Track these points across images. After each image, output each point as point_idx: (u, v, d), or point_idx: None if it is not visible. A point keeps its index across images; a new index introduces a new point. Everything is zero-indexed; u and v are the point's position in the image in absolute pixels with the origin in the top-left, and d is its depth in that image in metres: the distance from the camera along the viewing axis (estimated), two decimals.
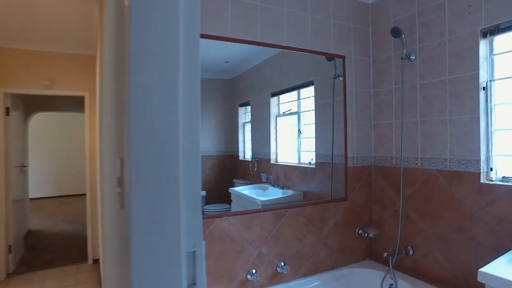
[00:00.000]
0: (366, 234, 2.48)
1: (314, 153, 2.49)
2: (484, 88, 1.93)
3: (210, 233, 1.94)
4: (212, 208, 2.14)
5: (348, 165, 2.51)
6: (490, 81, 1.92)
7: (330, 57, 2.48)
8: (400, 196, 2.27)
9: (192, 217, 0.71)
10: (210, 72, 2.20)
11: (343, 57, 2.51)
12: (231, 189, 2.27)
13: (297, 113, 2.54)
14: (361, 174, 2.57)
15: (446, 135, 2.10)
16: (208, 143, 2.20)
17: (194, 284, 0.71)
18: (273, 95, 2.49)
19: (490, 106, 1.92)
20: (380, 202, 2.56)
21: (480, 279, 1.39)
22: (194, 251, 0.72)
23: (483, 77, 1.93)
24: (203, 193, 2.16)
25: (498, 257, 1.68)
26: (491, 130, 1.93)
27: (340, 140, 2.51)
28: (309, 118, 2.51)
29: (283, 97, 2.53)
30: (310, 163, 2.50)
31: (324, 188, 2.49)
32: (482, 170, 1.92)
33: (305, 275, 2.30)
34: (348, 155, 2.51)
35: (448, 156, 2.09)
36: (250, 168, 2.35)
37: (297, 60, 2.43)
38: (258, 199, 2.22)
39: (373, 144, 2.63)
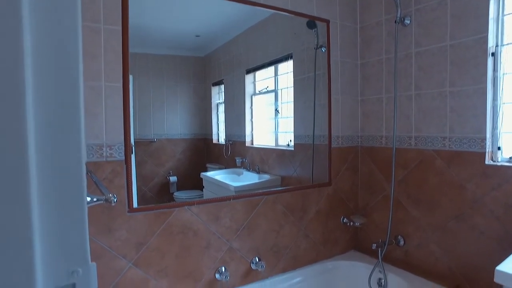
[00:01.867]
0: (351, 223, 2.20)
1: (292, 134, 2.23)
2: (492, 54, 1.65)
3: (168, 227, 1.60)
4: (183, 194, 1.96)
5: (332, 146, 2.21)
6: (500, 45, 1.64)
7: (312, 20, 2.14)
8: (391, 180, 1.99)
9: (65, 225, 0.36)
10: (181, 49, 2.01)
11: (327, 21, 2.18)
12: (202, 174, 2.06)
13: (274, 91, 2.27)
14: (346, 155, 2.28)
15: (446, 110, 1.82)
16: (180, 125, 2.02)
17: None
18: (248, 72, 2.25)
19: (499, 75, 1.65)
20: (368, 187, 2.29)
21: (498, 279, 1.12)
22: (74, 284, 0.37)
23: (491, 41, 1.65)
24: (174, 178, 1.95)
25: (507, 250, 1.44)
26: (499, 104, 1.66)
27: (322, 118, 2.22)
28: (287, 96, 2.25)
29: (259, 74, 2.28)
30: (288, 145, 2.25)
31: (304, 173, 2.23)
32: (487, 150, 1.66)
33: (283, 271, 2.01)
34: (332, 135, 2.20)
35: (447, 134, 1.81)
36: (224, 152, 2.15)
37: (274, 31, 2.18)
38: (231, 185, 1.98)
39: (360, 122, 2.33)
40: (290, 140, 2.24)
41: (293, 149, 2.23)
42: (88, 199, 0.67)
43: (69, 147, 0.39)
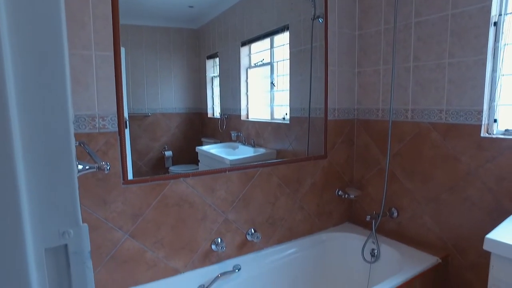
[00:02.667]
0: (346, 196, 2.23)
1: (288, 107, 2.22)
2: (495, 24, 1.61)
3: (163, 198, 1.59)
4: (179, 169, 1.97)
5: (328, 119, 2.19)
6: (503, 14, 1.60)
7: None
8: (387, 153, 2.00)
9: (54, 186, 0.34)
10: (174, 20, 1.95)
11: None
12: (198, 148, 2.06)
13: (270, 63, 2.24)
14: (342, 128, 2.27)
15: (444, 81, 1.79)
16: (174, 100, 1.99)
17: None
18: (243, 44, 2.20)
19: (500, 45, 1.62)
20: (363, 160, 2.29)
21: (487, 247, 1.15)
22: (66, 245, 0.36)
23: (495, 10, 1.60)
24: (169, 153, 1.96)
25: (497, 221, 1.47)
26: (498, 75, 1.64)
27: (318, 91, 2.18)
28: (283, 69, 2.21)
29: (255, 46, 2.23)
30: (284, 118, 2.24)
31: (299, 146, 2.23)
32: (483, 122, 1.66)
33: (279, 242, 2.04)
34: (328, 107, 2.18)
35: (444, 107, 1.80)
36: (219, 126, 2.15)
37: (270, 1, 2.15)
38: (226, 159, 1.97)
39: (356, 94, 2.31)
40: (286, 113, 2.22)
41: (288, 122, 2.21)
42: (81, 167, 0.65)
43: (55, 105, 0.37)
